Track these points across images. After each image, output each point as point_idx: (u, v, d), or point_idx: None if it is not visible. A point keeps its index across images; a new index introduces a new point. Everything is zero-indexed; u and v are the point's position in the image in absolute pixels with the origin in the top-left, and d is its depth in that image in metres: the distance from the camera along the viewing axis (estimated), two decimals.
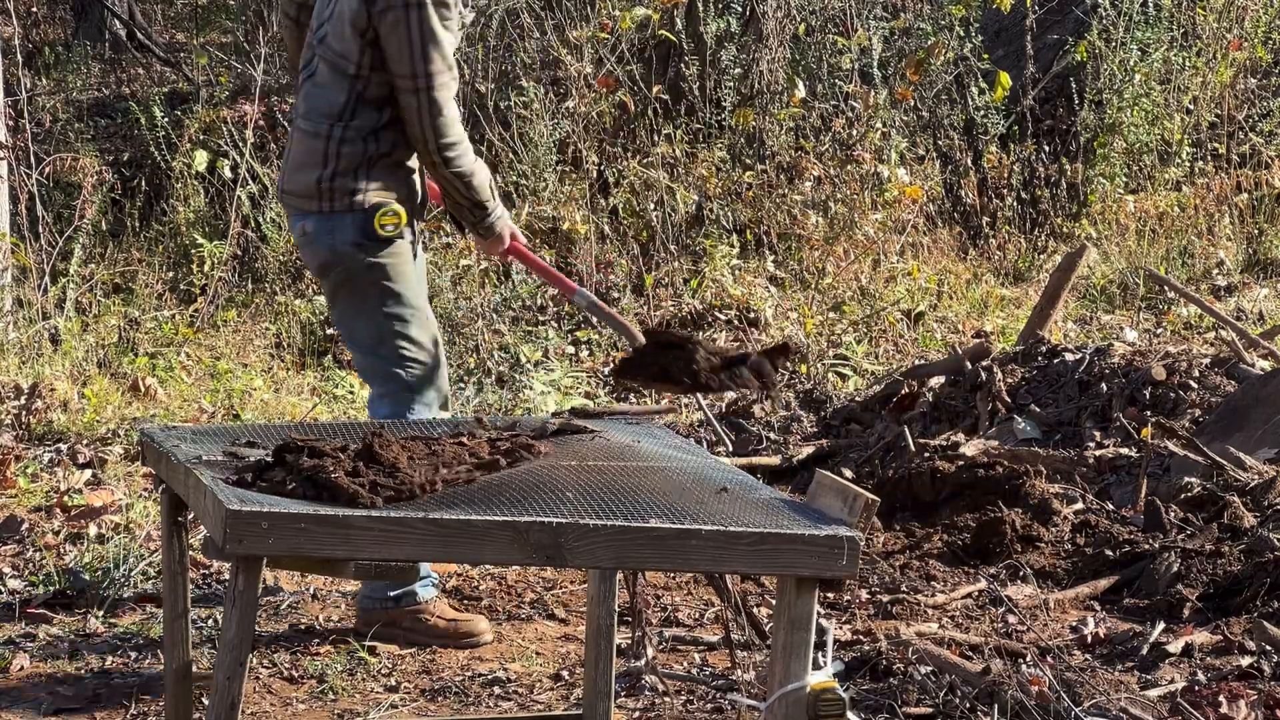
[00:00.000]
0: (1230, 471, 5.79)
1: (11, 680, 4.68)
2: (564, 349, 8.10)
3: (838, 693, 3.21)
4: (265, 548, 3.03)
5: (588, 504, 3.18)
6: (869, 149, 9.47)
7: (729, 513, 3.23)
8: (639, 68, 9.30)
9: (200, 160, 8.78)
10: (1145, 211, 9.75)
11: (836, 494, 3.28)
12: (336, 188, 4.73)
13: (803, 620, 3.19)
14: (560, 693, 4.68)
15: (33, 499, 6.05)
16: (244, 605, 3.08)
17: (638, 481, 3.36)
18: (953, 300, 8.89)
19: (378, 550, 3.06)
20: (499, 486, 3.25)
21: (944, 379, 6.95)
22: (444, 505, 3.14)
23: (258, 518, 3.01)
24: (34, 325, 7.61)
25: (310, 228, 4.78)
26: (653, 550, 3.14)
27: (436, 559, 3.09)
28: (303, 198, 4.79)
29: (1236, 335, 7.14)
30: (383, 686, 4.70)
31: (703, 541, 3.14)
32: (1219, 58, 10.37)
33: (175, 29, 13.94)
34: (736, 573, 4.29)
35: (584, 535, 3.10)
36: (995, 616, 5.14)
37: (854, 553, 3.17)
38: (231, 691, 3.09)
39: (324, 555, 3.06)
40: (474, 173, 4.76)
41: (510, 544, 3.08)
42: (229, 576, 3.12)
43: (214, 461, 3.37)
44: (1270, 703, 4.31)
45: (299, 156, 4.80)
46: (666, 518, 3.16)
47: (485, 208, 4.81)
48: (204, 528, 3.21)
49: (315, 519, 3.03)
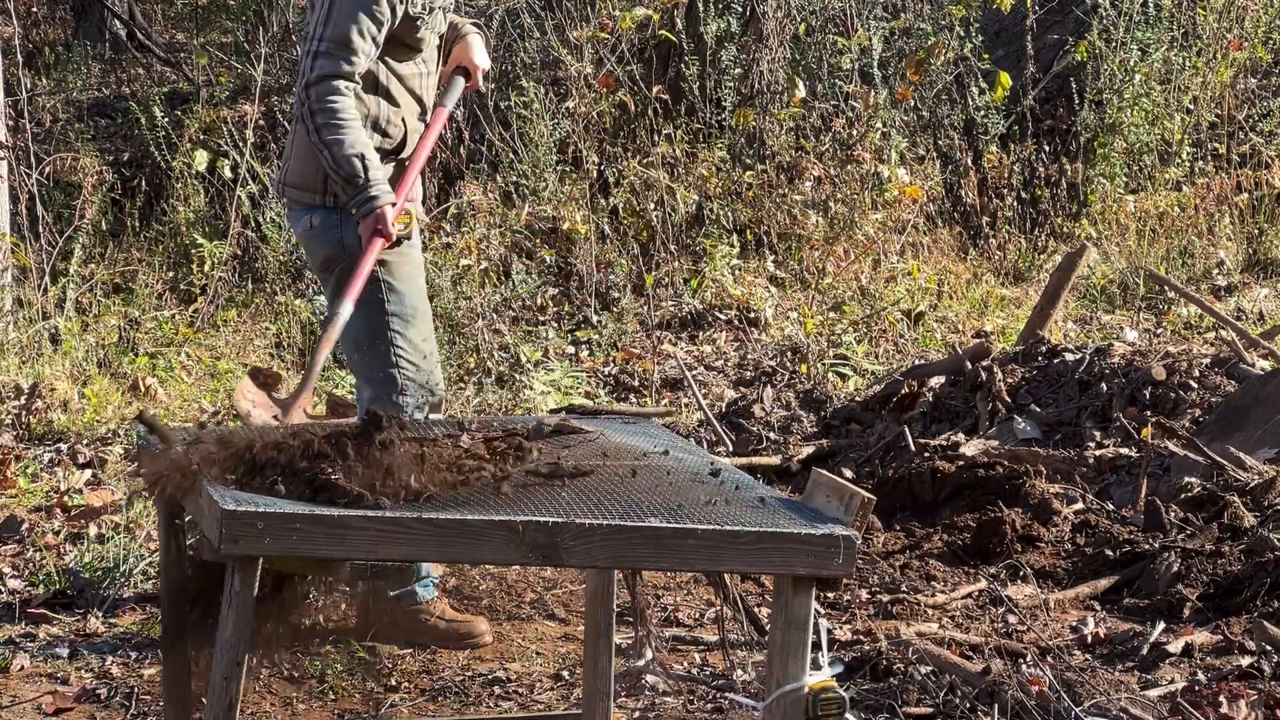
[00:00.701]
0: (1230, 471, 5.79)
1: (11, 680, 4.68)
2: (564, 349, 8.11)
3: (837, 692, 3.21)
4: (261, 548, 3.03)
5: (584, 503, 3.18)
6: (869, 149, 9.47)
7: (726, 512, 3.23)
8: (639, 68, 9.30)
9: (200, 160, 8.78)
10: (1145, 211, 9.75)
11: (833, 492, 3.28)
12: None
13: (800, 619, 3.19)
14: (560, 693, 4.68)
15: (33, 499, 6.05)
16: (240, 605, 3.08)
17: (634, 481, 3.36)
18: (953, 300, 8.89)
19: (374, 550, 3.06)
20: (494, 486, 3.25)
21: (944, 379, 6.95)
22: (440, 505, 3.13)
23: (253, 518, 3.01)
24: (34, 325, 7.61)
25: (317, 220, 4.75)
26: (649, 549, 3.13)
27: (433, 559, 3.09)
28: (307, 191, 4.77)
29: (1236, 335, 7.14)
30: (383, 686, 4.70)
31: (699, 541, 3.13)
32: (1219, 58, 10.37)
33: (175, 29, 13.94)
34: (733, 571, 4.29)
35: (580, 534, 3.09)
36: (995, 616, 5.14)
37: (850, 551, 3.17)
38: (229, 692, 3.09)
39: (320, 555, 3.06)
40: (341, 145, 4.63)
41: (506, 543, 3.08)
42: (226, 577, 3.12)
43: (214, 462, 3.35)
44: (1270, 703, 4.31)
45: (301, 149, 4.77)
46: (663, 517, 3.16)
47: (353, 183, 4.64)
48: (202, 529, 3.21)
49: (311, 519, 3.03)
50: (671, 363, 7.84)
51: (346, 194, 4.67)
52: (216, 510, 3.02)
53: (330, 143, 4.62)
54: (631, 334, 8.24)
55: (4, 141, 7.98)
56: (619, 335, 8.21)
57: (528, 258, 8.64)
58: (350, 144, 4.63)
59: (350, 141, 4.63)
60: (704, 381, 7.66)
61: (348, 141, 4.63)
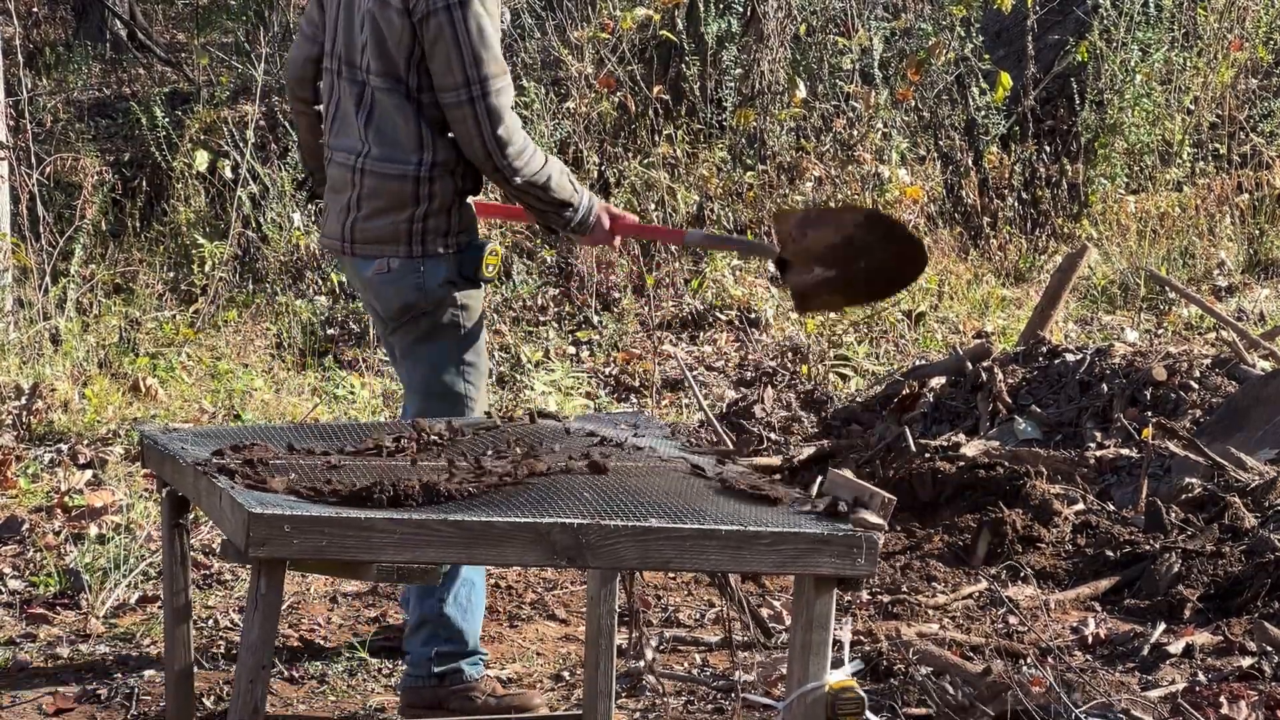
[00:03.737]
0: (1231, 472, 5.79)
1: (11, 680, 4.68)
2: (565, 349, 8.11)
3: (856, 691, 3.21)
4: (288, 550, 2.99)
5: (605, 505, 3.17)
6: (870, 149, 9.46)
7: (746, 512, 3.23)
8: (640, 68, 9.30)
9: (201, 160, 8.78)
10: (1146, 212, 9.75)
11: (852, 493, 3.27)
12: (430, 228, 4.35)
13: (821, 619, 3.19)
14: (560, 693, 4.68)
15: (33, 499, 6.05)
16: (266, 608, 3.04)
17: (651, 482, 3.36)
18: (954, 301, 8.89)
19: (400, 553, 3.03)
20: (517, 488, 3.24)
21: (945, 379, 6.95)
22: (464, 508, 3.12)
23: (281, 520, 2.97)
24: (35, 325, 7.61)
25: (395, 265, 4.36)
26: (673, 550, 3.12)
27: (459, 561, 3.08)
28: (383, 243, 4.37)
29: (1237, 336, 7.14)
30: (383, 686, 4.70)
31: (722, 541, 3.13)
32: (1220, 58, 10.36)
33: (176, 29, 13.95)
34: (755, 572, 4.28)
35: (606, 536, 3.08)
36: (996, 617, 5.14)
37: (873, 552, 3.16)
38: (254, 695, 3.05)
39: (347, 558, 3.02)
40: (549, 174, 4.33)
41: (532, 545, 3.06)
42: (250, 580, 3.09)
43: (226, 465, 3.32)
44: (1271, 703, 4.30)
45: (377, 201, 4.36)
46: (688, 518, 3.15)
47: (570, 204, 4.37)
48: (220, 531, 3.18)
49: (338, 522, 3.00)
50: (672, 363, 7.84)
51: (558, 221, 4.42)
52: (242, 513, 2.98)
53: (543, 179, 4.33)
54: (632, 334, 8.24)
55: (5, 142, 7.98)
56: (620, 336, 8.22)
57: (528, 258, 8.64)
58: (556, 166, 4.36)
59: (553, 163, 4.36)
60: (704, 382, 7.66)
61: (552, 166, 4.35)
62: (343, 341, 8.18)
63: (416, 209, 4.34)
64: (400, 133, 4.33)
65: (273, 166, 8.77)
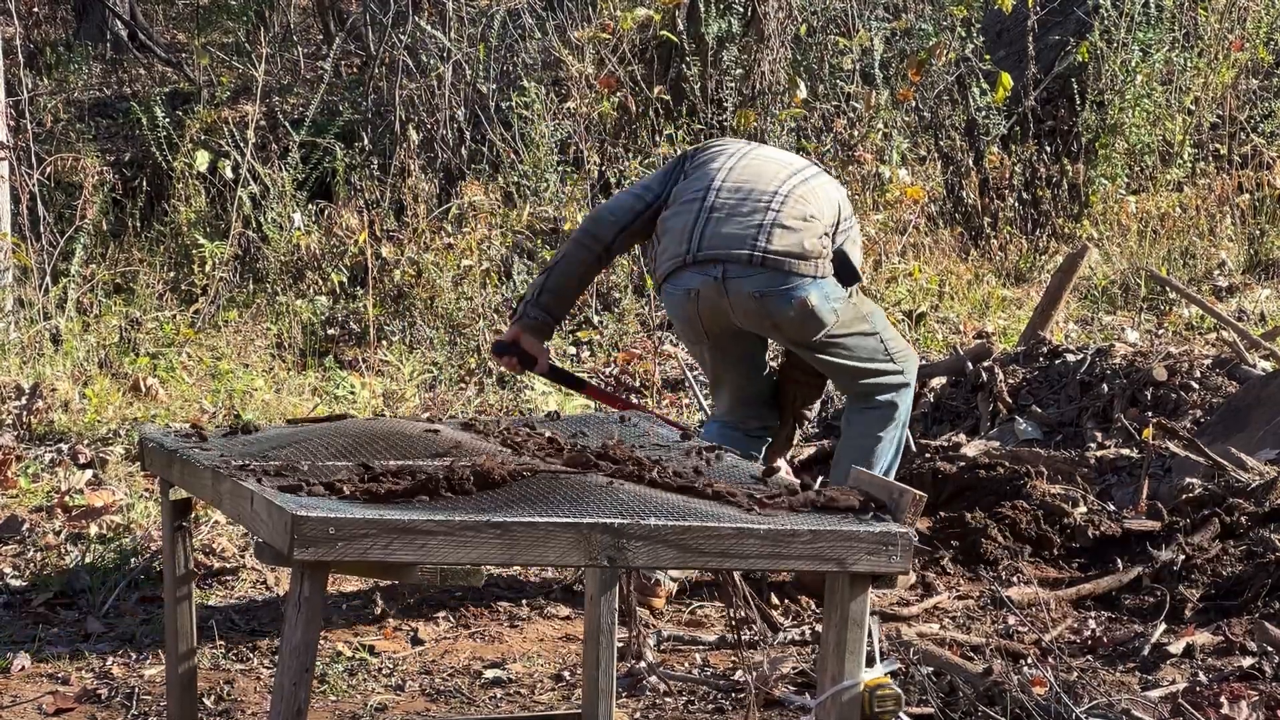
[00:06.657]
0: (1231, 472, 5.79)
1: (11, 680, 4.68)
2: (565, 349, 8.10)
3: (893, 688, 3.21)
4: (333, 553, 2.97)
5: (643, 504, 3.17)
6: (870, 149, 9.46)
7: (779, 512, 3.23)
8: (640, 68, 9.30)
9: (201, 160, 8.78)
10: (1147, 212, 9.75)
11: (879, 490, 3.27)
12: (822, 248, 5.11)
13: (857, 617, 3.19)
14: (560, 693, 4.68)
15: (33, 499, 6.05)
16: (310, 611, 2.99)
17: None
18: (954, 301, 8.89)
19: (445, 554, 3.01)
20: (552, 488, 3.23)
21: (945, 379, 6.94)
22: (502, 508, 3.11)
23: (325, 523, 2.94)
24: (35, 325, 7.61)
25: (814, 300, 5.07)
26: (713, 549, 3.12)
27: (501, 562, 3.05)
28: (797, 258, 5.07)
29: (1238, 336, 7.14)
30: (383, 686, 4.70)
31: (760, 541, 3.12)
32: (1220, 58, 10.36)
33: (176, 29, 13.95)
34: (792, 570, 4.28)
35: (646, 536, 3.08)
36: (996, 617, 5.14)
37: (907, 548, 3.16)
38: (298, 698, 3.02)
39: (392, 560, 3.01)
40: None
41: (573, 546, 3.04)
42: (291, 583, 3.06)
43: (246, 466, 3.29)
44: (1271, 703, 4.30)
45: (797, 226, 5.09)
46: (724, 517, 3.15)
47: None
48: (255, 534, 3.14)
49: (382, 524, 2.98)
50: (672, 363, 7.84)
51: None
52: (284, 515, 2.95)
53: None
54: (633, 334, 8.24)
55: (5, 142, 7.98)
56: (620, 336, 8.22)
57: (529, 258, 8.64)
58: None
59: None
60: (705, 382, 7.65)
61: None
62: (343, 341, 8.18)
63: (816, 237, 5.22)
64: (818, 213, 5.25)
65: (273, 166, 8.77)
